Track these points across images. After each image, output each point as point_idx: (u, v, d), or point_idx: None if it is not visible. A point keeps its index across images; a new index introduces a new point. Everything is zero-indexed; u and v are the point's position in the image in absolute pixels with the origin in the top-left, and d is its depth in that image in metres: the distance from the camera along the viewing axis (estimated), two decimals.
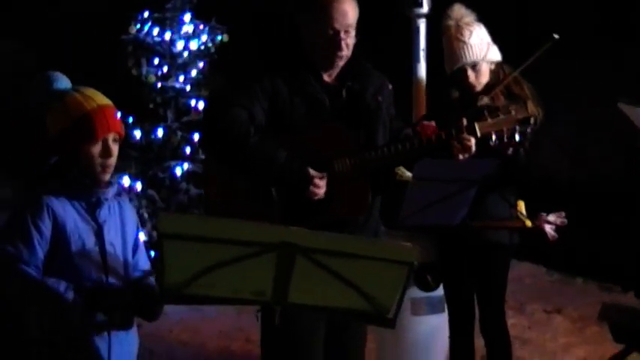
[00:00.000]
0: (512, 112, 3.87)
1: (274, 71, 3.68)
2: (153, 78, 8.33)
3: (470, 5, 4.51)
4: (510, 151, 4.00)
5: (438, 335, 4.93)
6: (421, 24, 5.72)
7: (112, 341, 3.15)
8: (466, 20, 4.44)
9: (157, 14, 8.50)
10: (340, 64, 3.71)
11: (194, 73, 8.54)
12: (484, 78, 4.43)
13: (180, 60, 8.51)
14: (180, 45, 8.47)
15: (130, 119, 8.21)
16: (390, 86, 3.90)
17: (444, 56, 4.52)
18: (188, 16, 8.55)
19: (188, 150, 8.32)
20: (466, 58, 4.39)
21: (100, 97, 3.25)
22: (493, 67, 4.46)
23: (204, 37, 8.59)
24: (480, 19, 4.49)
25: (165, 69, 8.44)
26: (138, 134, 8.22)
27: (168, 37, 8.43)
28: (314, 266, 2.56)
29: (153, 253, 6.27)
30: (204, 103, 8.09)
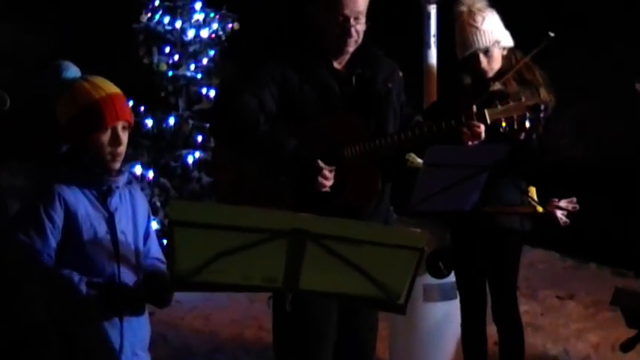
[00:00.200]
0: (523, 99, 3.86)
1: (284, 59, 3.68)
2: (164, 66, 8.35)
3: None
4: (522, 137, 3.99)
5: (450, 322, 4.93)
6: (432, 10, 5.70)
7: (124, 327, 3.16)
8: (478, 6, 4.43)
9: (167, 3, 8.52)
10: (350, 50, 3.71)
11: (205, 61, 8.55)
12: (496, 64, 4.41)
13: (192, 48, 8.52)
14: (191, 33, 8.48)
15: (142, 108, 8.23)
16: (401, 73, 3.89)
17: (455, 42, 4.50)
18: (199, 5, 8.56)
19: (200, 138, 8.34)
20: (478, 43, 4.37)
21: (109, 86, 3.25)
22: (505, 52, 4.44)
23: (215, 26, 8.60)
24: (492, 4, 4.48)
25: (177, 57, 8.46)
26: (149, 123, 8.25)
27: (179, 25, 8.45)
28: (325, 252, 2.56)
29: (165, 241, 6.30)
30: (215, 91, 8.11)
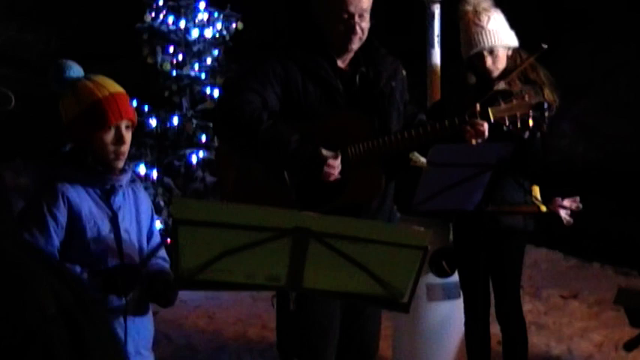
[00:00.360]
0: (526, 98, 3.86)
1: (288, 57, 3.68)
2: (168, 66, 8.35)
3: None
4: (526, 135, 3.99)
5: (453, 321, 4.92)
6: (436, 10, 5.69)
7: (128, 326, 3.17)
8: (484, 5, 4.44)
9: (171, 2, 8.52)
10: (354, 48, 3.71)
11: (209, 60, 8.54)
12: (501, 63, 4.42)
13: (195, 48, 8.51)
14: (195, 33, 8.48)
15: (146, 107, 8.23)
16: (404, 71, 3.89)
17: (460, 41, 4.51)
18: (203, 4, 8.55)
19: (203, 138, 8.33)
20: (484, 43, 4.38)
21: (112, 85, 3.25)
22: (510, 52, 4.45)
23: (218, 25, 8.59)
24: (497, 4, 4.48)
25: (181, 57, 8.45)
26: (153, 122, 8.25)
27: (183, 25, 8.44)
28: (328, 251, 2.56)
29: (169, 240, 6.31)
30: (219, 90, 8.11)
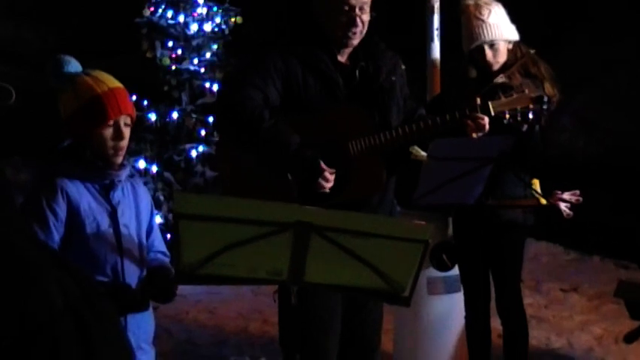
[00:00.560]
0: (526, 91, 3.86)
1: (288, 52, 3.68)
2: (167, 60, 8.34)
3: None
4: (524, 128, 3.99)
5: (454, 314, 4.93)
6: (435, 4, 5.69)
7: (128, 321, 3.16)
8: None
9: None
10: (355, 41, 3.70)
11: (208, 55, 8.54)
12: (502, 57, 4.42)
13: (195, 42, 8.50)
14: (194, 27, 8.47)
15: (145, 102, 8.23)
16: (403, 66, 3.89)
17: (461, 35, 4.50)
18: None
19: (203, 132, 8.33)
20: (484, 36, 4.38)
21: (111, 80, 3.24)
22: (511, 46, 4.45)
23: (218, 19, 8.58)
24: None
25: (180, 51, 8.44)
26: (153, 117, 8.25)
27: (182, 19, 8.43)
28: (329, 245, 2.56)
29: (169, 235, 6.31)
30: (218, 85, 8.10)
